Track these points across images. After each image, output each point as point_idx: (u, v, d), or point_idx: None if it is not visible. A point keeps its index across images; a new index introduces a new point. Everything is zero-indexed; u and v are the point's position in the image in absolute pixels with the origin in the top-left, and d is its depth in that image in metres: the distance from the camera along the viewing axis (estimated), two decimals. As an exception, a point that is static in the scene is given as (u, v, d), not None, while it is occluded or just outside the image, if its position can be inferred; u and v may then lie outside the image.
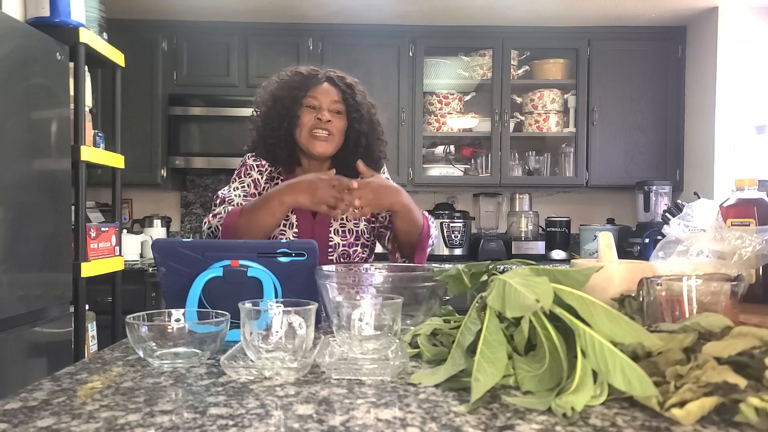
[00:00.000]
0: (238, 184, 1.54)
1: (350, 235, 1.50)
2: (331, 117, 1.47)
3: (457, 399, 0.64)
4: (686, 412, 0.55)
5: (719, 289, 0.80)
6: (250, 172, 1.56)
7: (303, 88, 1.48)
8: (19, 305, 1.84)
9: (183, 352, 0.79)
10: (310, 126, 1.46)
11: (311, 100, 1.47)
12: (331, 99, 1.48)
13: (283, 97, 1.48)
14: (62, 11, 2.14)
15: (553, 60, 3.43)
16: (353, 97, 1.50)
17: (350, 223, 1.50)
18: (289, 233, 1.46)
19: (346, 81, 1.52)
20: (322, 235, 1.47)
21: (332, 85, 1.50)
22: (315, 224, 1.47)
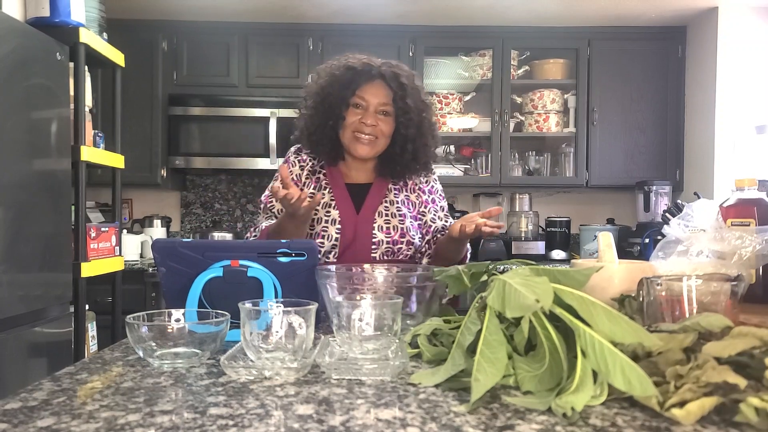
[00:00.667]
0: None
1: (395, 232, 1.45)
2: (377, 120, 1.44)
3: (457, 399, 0.64)
4: (686, 412, 0.55)
5: (719, 289, 0.80)
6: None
7: (352, 87, 1.44)
8: (19, 305, 1.84)
9: (183, 352, 0.79)
10: (353, 128, 1.44)
11: (358, 99, 1.44)
12: (379, 100, 1.44)
13: (331, 95, 1.45)
14: (62, 11, 2.14)
15: (553, 60, 3.43)
16: (403, 99, 1.44)
17: (395, 219, 1.46)
18: (332, 229, 1.43)
19: (400, 80, 1.46)
20: (366, 231, 1.43)
21: (384, 84, 1.45)
22: (358, 220, 1.44)
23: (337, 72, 1.47)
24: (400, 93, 1.44)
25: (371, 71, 1.45)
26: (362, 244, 1.43)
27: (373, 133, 1.44)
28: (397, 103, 1.44)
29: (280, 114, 3.25)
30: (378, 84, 1.45)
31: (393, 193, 1.52)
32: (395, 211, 1.48)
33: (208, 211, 3.68)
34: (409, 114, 1.45)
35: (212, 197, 3.68)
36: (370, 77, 1.45)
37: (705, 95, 3.20)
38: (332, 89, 1.45)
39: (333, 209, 1.44)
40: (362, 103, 1.44)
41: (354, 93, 1.44)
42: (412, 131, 1.46)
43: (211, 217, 3.68)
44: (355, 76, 1.45)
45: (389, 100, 1.45)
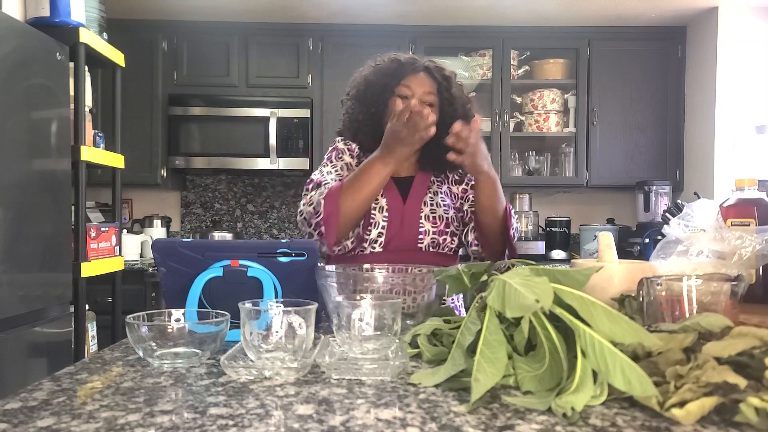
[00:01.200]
0: (330, 168, 1.48)
1: (440, 222, 1.43)
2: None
3: (457, 399, 0.64)
4: (686, 412, 0.55)
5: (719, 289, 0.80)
6: (342, 156, 1.51)
7: (397, 76, 1.44)
8: (19, 305, 1.84)
9: (183, 352, 0.79)
10: None
11: (404, 89, 1.44)
12: (424, 90, 1.43)
13: (375, 83, 1.45)
14: (62, 11, 2.14)
15: (553, 60, 3.43)
16: (448, 90, 1.45)
17: (440, 209, 1.45)
18: (379, 217, 1.40)
19: (444, 73, 1.47)
20: (413, 221, 1.42)
21: (428, 76, 1.45)
22: (405, 210, 1.43)
23: (382, 63, 1.48)
24: (445, 84, 1.45)
25: (415, 63, 1.47)
26: (409, 233, 1.41)
27: None
28: (443, 94, 1.44)
29: (280, 114, 3.25)
30: (422, 76, 1.45)
31: (436, 184, 1.51)
32: (440, 201, 1.48)
33: (208, 211, 3.68)
34: (454, 105, 1.45)
35: (212, 197, 3.68)
36: (414, 69, 1.45)
37: (705, 95, 3.20)
38: (377, 78, 1.46)
39: (380, 197, 1.42)
40: (407, 92, 1.43)
41: (399, 82, 1.44)
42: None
43: (211, 217, 3.68)
44: (401, 66, 1.45)
45: (434, 90, 1.44)
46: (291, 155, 3.25)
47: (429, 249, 1.42)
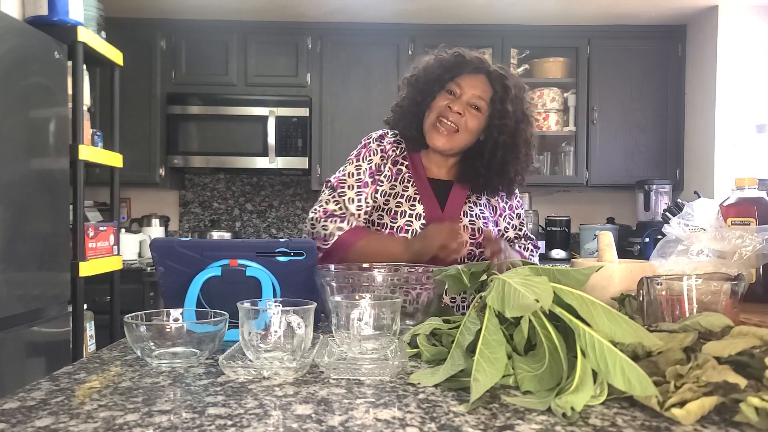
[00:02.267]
0: (353, 169, 1.40)
1: (478, 234, 1.37)
2: (465, 111, 1.34)
3: (456, 399, 0.64)
4: (686, 412, 0.55)
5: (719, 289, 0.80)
6: (370, 157, 1.41)
7: (453, 72, 1.36)
8: (17, 305, 1.84)
9: (181, 351, 0.79)
10: (438, 111, 1.35)
11: (454, 86, 1.36)
12: (474, 92, 1.35)
13: (431, 73, 1.38)
14: (60, 10, 2.14)
15: (553, 59, 3.43)
16: (502, 102, 1.34)
17: (479, 221, 1.38)
18: (416, 224, 1.34)
19: (505, 82, 1.37)
20: None
21: (487, 80, 1.37)
22: (444, 218, 1.36)
23: (445, 55, 1.41)
24: (501, 94, 1.35)
25: (479, 65, 1.38)
26: None
27: (456, 123, 1.34)
28: (495, 105, 1.35)
29: (279, 113, 3.24)
30: (481, 78, 1.37)
31: (475, 195, 1.44)
32: (479, 212, 1.41)
33: (207, 210, 3.68)
34: (505, 119, 1.35)
35: (211, 196, 3.68)
36: (475, 69, 1.37)
37: (705, 94, 3.20)
38: (434, 69, 1.39)
39: (418, 203, 1.36)
40: (456, 91, 1.35)
41: (453, 78, 1.36)
42: (504, 138, 1.35)
43: (210, 216, 3.67)
44: (461, 62, 1.37)
45: (486, 97, 1.35)
46: (290, 154, 3.25)
47: (464, 261, 1.34)
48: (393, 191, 1.40)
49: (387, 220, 1.36)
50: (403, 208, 1.36)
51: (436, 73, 1.38)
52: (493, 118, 1.36)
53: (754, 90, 3.10)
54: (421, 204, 1.36)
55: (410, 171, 1.41)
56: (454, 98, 1.36)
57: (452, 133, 1.35)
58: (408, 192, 1.38)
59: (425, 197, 1.38)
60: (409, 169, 1.42)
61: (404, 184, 1.40)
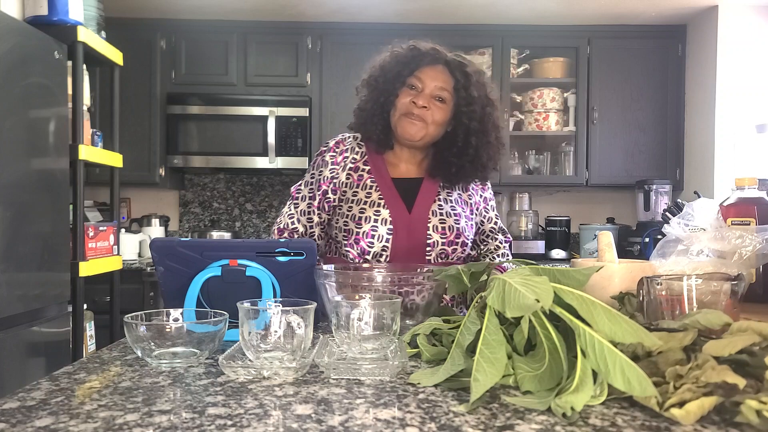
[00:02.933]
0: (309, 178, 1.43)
1: (450, 233, 1.34)
2: (430, 104, 1.33)
3: (456, 399, 0.64)
4: (686, 412, 0.55)
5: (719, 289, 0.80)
6: (321, 168, 1.42)
7: (411, 66, 1.34)
8: (17, 305, 1.84)
9: (181, 351, 0.79)
10: (404, 108, 1.33)
11: (414, 80, 1.34)
12: (436, 84, 1.33)
13: (389, 71, 1.36)
14: (60, 10, 2.14)
15: (553, 58, 3.43)
16: (466, 89, 1.33)
17: (450, 219, 1.35)
18: (382, 230, 1.32)
19: (465, 69, 1.35)
20: (420, 231, 1.33)
21: (447, 70, 1.35)
22: (411, 220, 1.33)
23: (400, 50, 1.39)
24: (463, 81, 1.34)
25: (436, 55, 1.36)
26: (416, 246, 1.33)
27: (423, 116, 1.32)
28: (459, 92, 1.34)
29: (279, 113, 3.24)
30: (440, 69, 1.35)
31: (446, 191, 1.41)
32: (449, 210, 1.37)
33: (207, 210, 3.68)
34: (472, 105, 1.34)
35: (210, 196, 3.68)
36: (433, 60, 1.35)
37: (705, 94, 3.20)
38: (391, 66, 1.36)
39: (383, 208, 1.33)
40: (417, 85, 1.34)
41: (412, 73, 1.34)
42: (474, 125, 1.34)
43: (210, 216, 3.67)
44: (418, 56, 1.35)
45: (449, 87, 1.34)
46: (290, 154, 3.25)
47: (437, 260, 1.34)
48: (356, 197, 1.37)
49: (352, 226, 1.34)
50: (368, 214, 1.33)
51: (395, 71, 1.36)
52: (460, 105, 1.35)
53: (754, 90, 3.10)
54: (386, 208, 1.34)
55: (373, 175, 1.39)
56: (416, 93, 1.34)
57: (422, 123, 1.34)
58: (371, 197, 1.36)
59: (390, 200, 1.35)
60: (372, 174, 1.39)
61: (367, 189, 1.37)
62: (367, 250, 1.32)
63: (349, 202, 1.37)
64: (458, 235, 1.35)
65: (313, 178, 1.43)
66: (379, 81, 1.38)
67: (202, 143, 3.26)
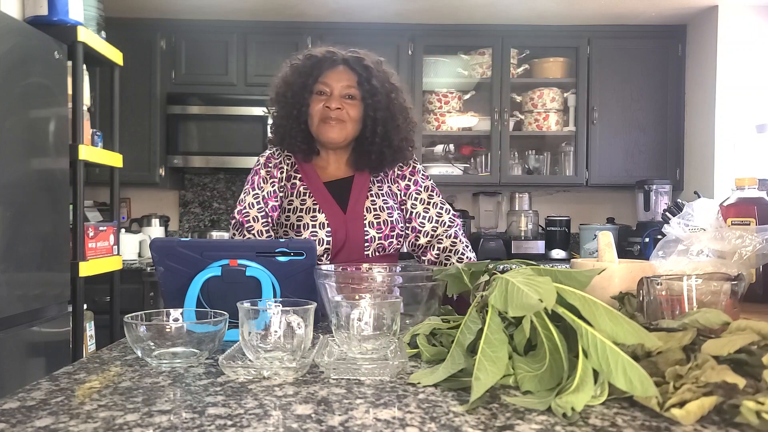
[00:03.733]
0: (252, 199, 1.43)
1: (385, 227, 1.41)
2: (342, 104, 1.39)
3: (456, 399, 0.64)
4: (686, 412, 0.55)
5: (719, 289, 0.80)
6: (262, 185, 1.45)
7: (314, 74, 1.41)
8: (17, 305, 1.84)
9: (181, 351, 0.79)
10: (319, 114, 1.40)
11: (321, 86, 1.41)
12: (342, 84, 1.40)
13: (293, 84, 1.42)
14: (60, 10, 2.14)
15: (553, 59, 3.43)
16: (369, 81, 1.40)
17: (384, 214, 1.42)
18: (321, 233, 1.37)
19: (364, 63, 1.42)
20: (357, 229, 1.39)
21: (348, 68, 1.41)
22: (347, 220, 1.39)
23: (298, 62, 1.45)
24: (365, 75, 1.40)
25: (334, 57, 1.43)
26: (354, 243, 1.39)
27: (339, 117, 1.39)
28: (363, 86, 1.40)
29: (279, 113, 3.24)
30: (341, 69, 1.42)
31: (377, 186, 1.47)
32: (382, 204, 1.44)
33: (207, 210, 3.68)
34: (376, 96, 1.41)
35: (210, 196, 3.68)
36: (332, 63, 1.42)
37: (705, 94, 3.20)
38: (294, 78, 1.43)
39: (319, 213, 1.39)
40: (325, 89, 1.40)
41: (317, 80, 1.41)
42: (381, 113, 1.41)
43: (210, 216, 3.67)
44: (317, 63, 1.42)
45: (354, 83, 1.41)
46: (290, 154, 3.24)
47: (375, 254, 1.41)
48: (291, 206, 1.43)
49: (292, 235, 1.40)
50: (305, 221, 1.39)
51: (300, 82, 1.42)
52: (366, 98, 1.41)
53: (754, 90, 3.10)
54: (321, 213, 1.39)
55: (305, 183, 1.45)
56: (327, 97, 1.41)
57: (340, 123, 1.40)
58: (306, 204, 1.41)
59: (324, 204, 1.41)
60: (303, 181, 1.45)
61: (301, 197, 1.43)
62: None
63: (286, 212, 1.43)
64: (392, 228, 1.42)
65: (257, 198, 1.44)
66: (287, 96, 1.43)
67: (202, 143, 3.26)
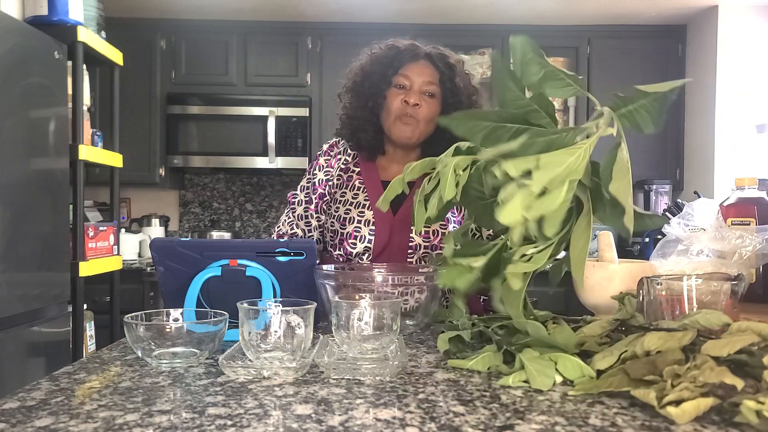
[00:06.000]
0: (305, 183, 1.43)
1: (434, 237, 1.32)
2: (421, 100, 1.32)
3: (456, 399, 0.64)
4: (681, 411, 0.55)
5: (719, 289, 0.80)
6: (316, 172, 1.42)
7: (395, 65, 1.33)
8: (17, 305, 1.84)
9: (181, 351, 0.79)
10: (396, 109, 1.32)
11: (402, 78, 1.33)
12: (424, 79, 1.33)
13: (372, 74, 1.34)
14: (60, 10, 2.14)
15: (553, 58, 3.42)
16: (452, 80, 1.33)
17: (436, 224, 1.33)
18: (364, 230, 1.32)
19: (448, 61, 1.35)
20: (402, 235, 1.32)
21: (430, 63, 1.34)
22: (395, 222, 1.32)
23: (379, 52, 1.37)
24: (449, 74, 1.33)
25: (417, 51, 1.35)
26: (398, 248, 1.32)
27: (415, 114, 1.32)
28: (445, 84, 1.33)
29: (279, 113, 3.24)
30: (423, 64, 1.34)
31: None
32: None
33: (207, 210, 3.68)
34: (458, 96, 1.33)
35: (210, 196, 3.68)
36: (415, 56, 1.34)
37: (705, 94, 3.20)
38: (374, 68, 1.35)
39: (367, 210, 1.33)
40: (405, 83, 1.33)
41: (397, 71, 1.33)
42: None
43: (210, 216, 3.67)
44: (399, 54, 1.34)
45: (435, 80, 1.33)
46: (290, 154, 3.25)
47: (420, 262, 1.33)
48: (343, 198, 1.38)
49: (337, 227, 1.35)
50: (352, 215, 1.34)
51: (379, 72, 1.34)
52: (447, 98, 1.34)
53: (754, 90, 3.10)
54: (370, 210, 1.33)
55: (362, 176, 1.39)
56: (406, 91, 1.33)
57: (415, 122, 1.33)
58: (358, 198, 1.36)
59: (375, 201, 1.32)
60: (361, 175, 1.40)
61: (355, 190, 1.38)
62: (350, 251, 1.32)
63: (337, 203, 1.38)
64: (442, 240, 1.33)
65: (309, 183, 1.43)
66: (365, 86, 1.36)
67: (202, 143, 3.26)
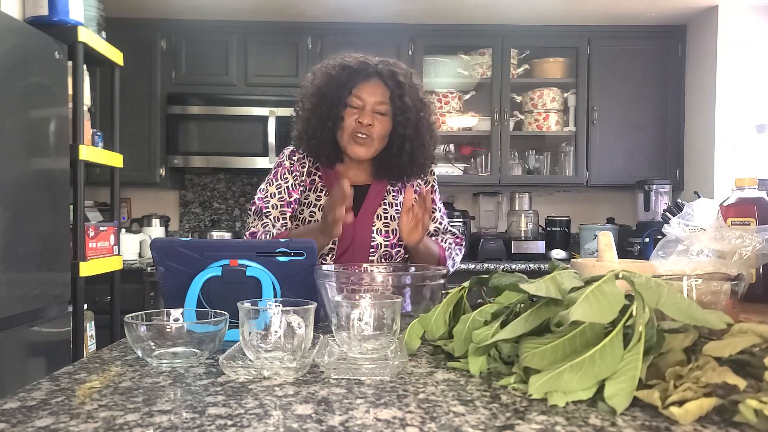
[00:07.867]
0: (275, 189, 1.48)
1: (393, 236, 1.44)
2: (373, 120, 1.41)
3: (456, 399, 0.64)
4: (684, 411, 0.55)
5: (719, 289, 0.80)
6: (286, 176, 1.50)
7: (348, 86, 1.41)
8: (17, 305, 1.84)
9: (182, 351, 0.79)
10: (351, 129, 1.41)
11: (355, 99, 1.41)
12: (375, 99, 1.41)
13: (328, 95, 1.42)
14: (61, 10, 2.14)
15: (553, 59, 3.43)
16: (401, 98, 1.42)
17: (394, 223, 1.45)
18: None
19: (398, 78, 1.43)
20: (364, 235, 1.42)
21: (381, 82, 1.43)
22: (356, 223, 1.39)
23: (333, 72, 1.45)
24: (398, 92, 1.42)
25: (368, 69, 1.43)
26: (360, 247, 1.42)
27: (369, 133, 1.41)
28: (395, 102, 1.42)
29: (279, 113, 3.24)
30: (375, 82, 1.43)
31: (392, 194, 1.50)
32: (394, 213, 1.47)
33: (207, 210, 3.68)
34: (406, 113, 1.42)
35: (211, 196, 3.68)
36: (366, 75, 1.43)
37: (705, 94, 3.20)
38: (329, 89, 1.43)
39: None
40: (359, 103, 1.41)
41: (351, 92, 1.41)
42: (410, 131, 1.44)
43: (210, 216, 3.68)
44: (352, 74, 1.42)
45: (386, 98, 1.42)
46: (290, 154, 3.25)
47: (381, 261, 1.43)
48: (307, 200, 1.47)
49: None
50: (317, 217, 1.43)
51: (335, 95, 1.42)
52: (396, 115, 1.43)
53: (754, 90, 3.10)
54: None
55: (323, 181, 1.49)
56: (359, 110, 1.42)
57: (369, 141, 1.42)
58: (321, 201, 1.46)
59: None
60: (323, 179, 1.49)
61: (317, 193, 1.47)
62: None
63: (302, 206, 1.47)
64: (401, 238, 1.40)
65: (280, 188, 1.48)
66: (322, 107, 1.43)
67: (202, 143, 3.26)
